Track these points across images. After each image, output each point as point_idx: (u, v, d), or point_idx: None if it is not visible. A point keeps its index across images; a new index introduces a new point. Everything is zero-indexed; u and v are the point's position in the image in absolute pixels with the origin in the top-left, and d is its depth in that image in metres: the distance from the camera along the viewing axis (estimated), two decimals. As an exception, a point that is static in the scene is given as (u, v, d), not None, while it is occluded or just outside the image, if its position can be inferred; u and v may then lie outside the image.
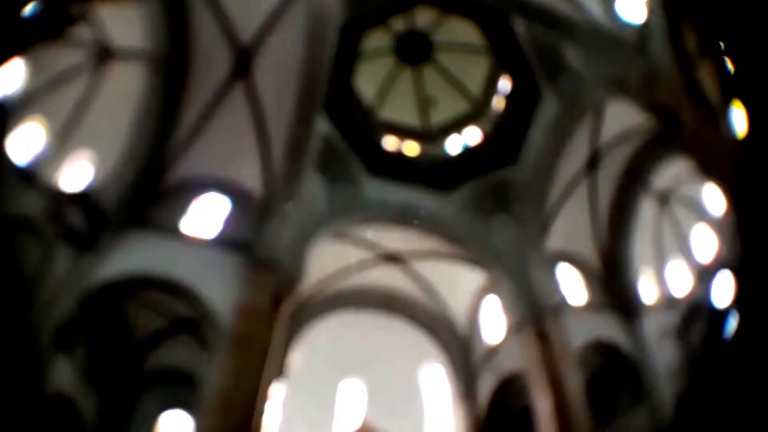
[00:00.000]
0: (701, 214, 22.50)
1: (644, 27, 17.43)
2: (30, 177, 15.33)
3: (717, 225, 21.47)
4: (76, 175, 17.85)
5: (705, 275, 21.34)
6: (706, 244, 22.21)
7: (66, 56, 16.93)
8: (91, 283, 16.75)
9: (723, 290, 20.16)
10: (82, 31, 16.86)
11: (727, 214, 19.87)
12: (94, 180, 18.17)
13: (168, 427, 21.37)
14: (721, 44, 9.31)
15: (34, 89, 16.24)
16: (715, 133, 14.15)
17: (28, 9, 9.95)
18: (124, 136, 19.23)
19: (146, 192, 19.94)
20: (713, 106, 14.81)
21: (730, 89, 11.25)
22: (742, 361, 9.57)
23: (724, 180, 14.10)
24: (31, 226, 15.07)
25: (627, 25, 18.31)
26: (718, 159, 13.96)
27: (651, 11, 17.47)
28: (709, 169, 15.26)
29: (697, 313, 20.93)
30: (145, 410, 20.88)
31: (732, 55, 8.39)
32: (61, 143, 17.24)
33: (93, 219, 16.83)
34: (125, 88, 19.02)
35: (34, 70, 16.25)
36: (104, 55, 17.93)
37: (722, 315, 19.38)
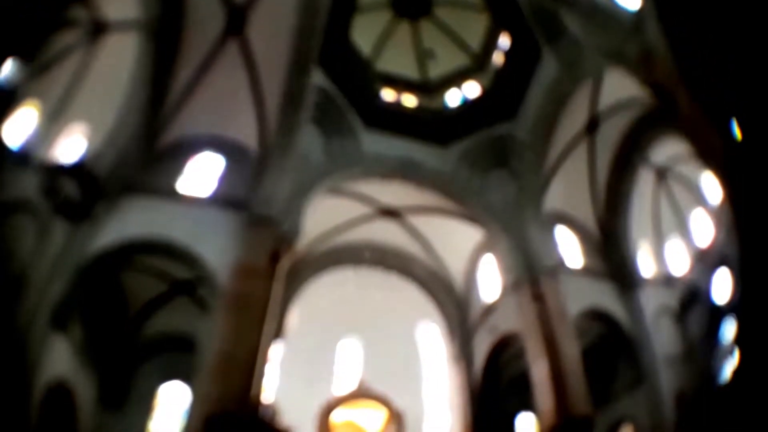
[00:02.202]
0: (699, 199, 22.57)
1: (640, 13, 16.90)
2: (24, 159, 15.02)
3: (714, 212, 21.49)
4: (69, 149, 17.49)
5: (702, 259, 21.40)
6: (703, 228, 22.36)
7: (60, 38, 16.39)
8: (87, 255, 16.64)
9: (721, 287, 20.27)
10: (76, 11, 16.34)
11: (723, 203, 19.75)
12: (87, 150, 17.82)
13: (167, 399, 21.49)
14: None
15: (29, 74, 15.79)
16: (710, 129, 13.79)
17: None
18: (117, 105, 18.80)
19: (140, 156, 19.67)
20: (709, 104, 14.43)
21: (725, 93, 10.98)
22: (740, 362, 9.58)
23: (720, 172, 13.89)
24: (26, 207, 14.85)
25: (622, 11, 17.81)
26: (714, 152, 13.70)
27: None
28: (706, 160, 15.03)
29: (694, 299, 21.01)
30: (143, 383, 21.02)
31: (725, 55, 8.21)
32: (54, 121, 16.80)
33: (87, 188, 16.58)
34: (118, 60, 18.56)
35: (29, 57, 15.77)
36: (98, 30, 17.36)
37: (720, 313, 19.53)
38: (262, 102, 21.53)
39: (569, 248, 23.78)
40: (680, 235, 23.03)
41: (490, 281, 25.05)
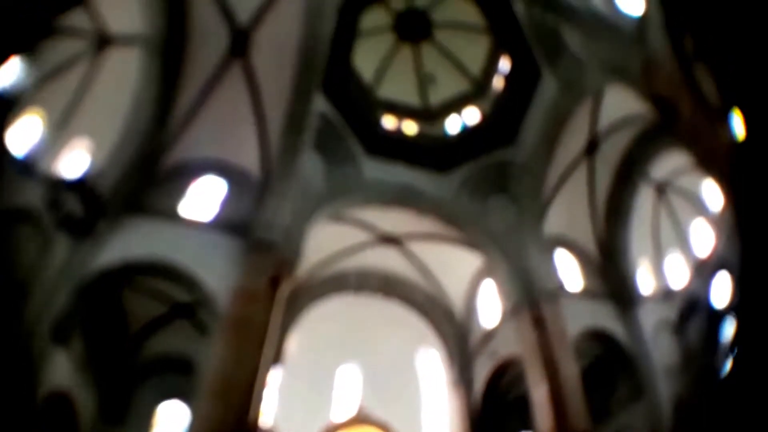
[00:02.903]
0: (699, 209, 22.46)
1: (643, 19, 17.12)
2: (28, 168, 15.22)
3: (715, 220, 21.43)
4: (73, 163, 17.67)
5: (702, 270, 21.33)
6: (703, 238, 22.21)
7: (64, 47, 16.65)
8: (88, 271, 16.68)
9: (721, 291, 20.18)
10: (81, 20, 16.58)
11: (724, 209, 19.80)
12: (91, 167, 17.98)
13: (166, 418, 21.42)
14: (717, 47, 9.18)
15: (34, 81, 16.00)
16: (713, 130, 13.94)
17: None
18: (120, 122, 19.00)
19: (143, 176, 19.73)
20: (712, 106, 14.58)
21: (728, 94, 11.10)
22: (739, 366, 9.54)
23: (722, 176, 13.97)
24: (30, 217, 14.99)
25: (626, 17, 17.97)
26: (716, 155, 13.82)
27: (649, 4, 17.15)
28: (708, 165, 15.14)
29: (694, 308, 20.94)
30: (142, 401, 21.01)
31: (729, 58, 8.27)
32: (59, 133, 17.06)
33: (90, 206, 16.68)
34: (122, 75, 18.79)
35: (33, 62, 15.98)
36: (102, 42, 17.63)
37: (720, 316, 19.46)
38: (265, 127, 21.63)
39: (569, 270, 23.77)
40: (680, 247, 22.90)
41: (489, 306, 25.01)
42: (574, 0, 17.85)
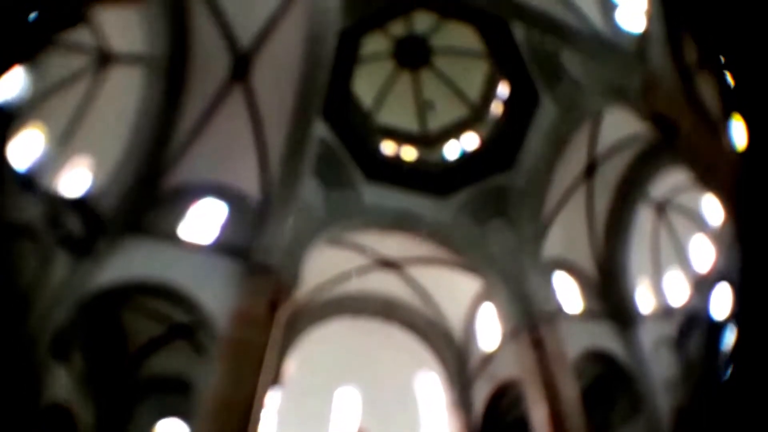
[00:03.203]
0: (699, 224, 22.53)
1: (643, 36, 17.38)
2: (29, 183, 15.32)
3: (715, 235, 21.47)
4: (74, 181, 17.81)
5: (702, 285, 21.32)
6: (703, 254, 22.23)
7: (67, 61, 16.87)
8: (88, 290, 16.66)
9: (721, 302, 20.16)
10: (83, 36, 16.80)
11: (725, 224, 19.88)
12: (92, 186, 18.12)
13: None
14: (721, 57, 9.25)
15: (35, 95, 16.18)
16: (714, 143, 14.12)
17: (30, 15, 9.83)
18: (122, 141, 19.15)
19: (144, 197, 19.79)
20: (713, 116, 14.77)
21: (730, 101, 11.22)
22: (739, 375, 9.51)
23: (723, 190, 14.07)
24: (30, 232, 15.04)
25: (626, 35, 18.26)
26: (717, 169, 13.95)
27: (651, 20, 17.43)
28: (708, 179, 15.24)
29: (694, 323, 20.93)
30: (141, 419, 20.89)
31: (732, 67, 8.34)
32: (61, 149, 17.22)
33: (90, 225, 16.76)
34: (124, 94, 18.97)
35: (35, 75, 16.18)
36: (104, 59, 17.87)
37: (720, 327, 19.41)
38: (265, 151, 21.72)
39: (568, 292, 23.80)
40: (679, 264, 22.95)
41: (489, 329, 24.98)
42: (574, 21, 17.97)
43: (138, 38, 18.67)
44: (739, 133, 11.89)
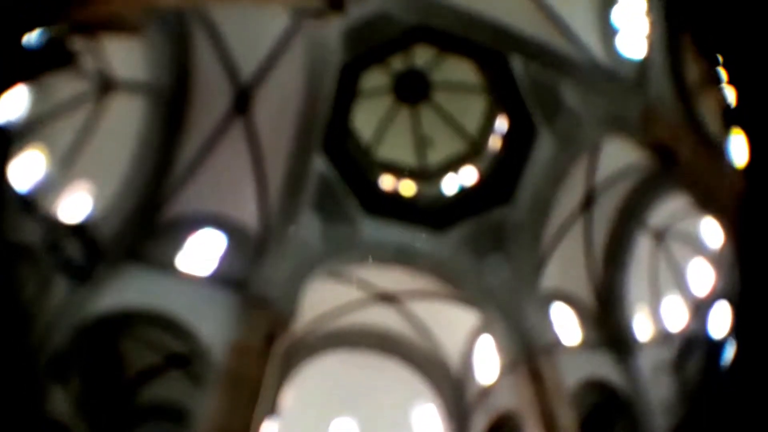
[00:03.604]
0: (698, 248, 22.57)
1: (644, 62, 17.61)
2: (30, 205, 15.46)
3: (714, 258, 21.51)
4: (74, 206, 17.96)
5: (701, 308, 21.33)
6: (702, 277, 22.27)
7: (69, 85, 17.13)
8: (86, 316, 16.69)
9: (720, 321, 20.14)
10: (86, 61, 17.04)
11: (724, 246, 19.96)
12: (92, 212, 18.25)
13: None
14: (724, 71, 9.40)
15: (37, 116, 16.38)
16: (714, 165, 14.23)
17: (33, 38, 10.00)
18: (122, 168, 19.35)
19: (143, 226, 19.89)
20: (713, 138, 14.91)
21: (733, 118, 11.35)
22: (739, 391, 9.50)
23: (722, 211, 14.14)
24: (29, 254, 15.12)
25: (626, 61, 18.48)
26: (717, 191, 14.02)
27: (652, 45, 17.66)
28: (708, 203, 15.33)
29: (692, 345, 20.87)
30: (139, 443, 20.69)
31: (735, 82, 8.46)
32: (61, 173, 17.45)
33: (90, 251, 16.84)
34: (125, 121, 19.21)
35: (38, 96, 16.42)
36: (106, 86, 18.12)
37: (719, 345, 19.30)
38: (265, 184, 21.88)
39: (566, 323, 23.69)
40: (678, 289, 22.91)
41: (486, 362, 24.82)
42: (574, 52, 18.16)
43: (140, 66, 18.95)
44: (739, 150, 11.98)
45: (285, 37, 20.27)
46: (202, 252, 21.22)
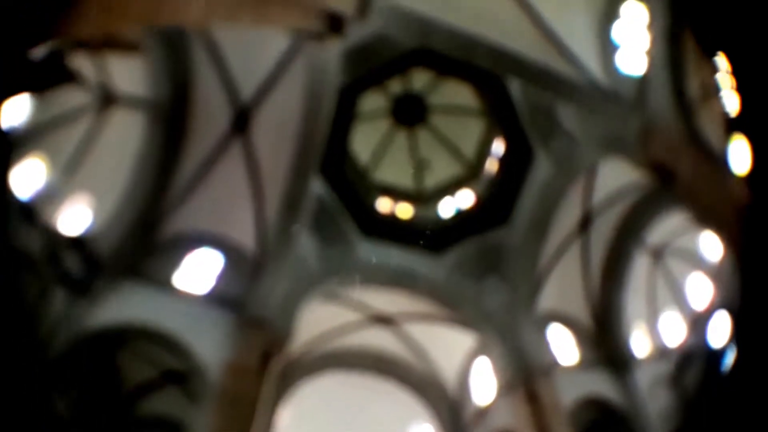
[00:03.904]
0: (696, 263, 22.65)
1: (644, 78, 17.74)
2: (30, 213, 15.46)
3: (712, 272, 21.57)
4: (74, 218, 18.02)
5: (699, 321, 21.34)
6: (701, 291, 22.36)
7: (71, 95, 17.20)
8: (84, 329, 16.67)
9: (719, 330, 20.17)
10: (89, 73, 17.13)
11: (723, 259, 20.01)
12: (91, 225, 18.31)
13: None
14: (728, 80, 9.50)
15: (39, 124, 16.45)
16: (714, 179, 14.31)
17: (37, 53, 10.06)
18: (122, 183, 19.44)
19: (141, 243, 19.93)
20: (714, 150, 15.00)
21: (735, 125, 11.44)
22: (738, 399, 9.50)
23: (722, 224, 14.19)
24: (29, 263, 15.08)
25: (626, 79, 18.54)
26: (717, 204, 14.08)
27: (652, 60, 17.80)
28: (708, 217, 15.40)
29: (690, 358, 20.86)
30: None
31: (740, 86, 8.54)
32: (62, 184, 17.51)
33: (88, 265, 16.85)
34: (125, 135, 19.32)
35: (40, 105, 16.49)
36: (108, 99, 18.22)
37: (719, 353, 19.27)
38: (262, 204, 21.96)
39: (563, 343, 23.75)
40: (676, 304, 22.94)
41: (483, 384, 24.75)
42: (573, 73, 18.24)
43: (141, 82, 19.11)
44: (742, 158, 12.05)
45: (285, 58, 20.44)
46: (199, 270, 21.26)
